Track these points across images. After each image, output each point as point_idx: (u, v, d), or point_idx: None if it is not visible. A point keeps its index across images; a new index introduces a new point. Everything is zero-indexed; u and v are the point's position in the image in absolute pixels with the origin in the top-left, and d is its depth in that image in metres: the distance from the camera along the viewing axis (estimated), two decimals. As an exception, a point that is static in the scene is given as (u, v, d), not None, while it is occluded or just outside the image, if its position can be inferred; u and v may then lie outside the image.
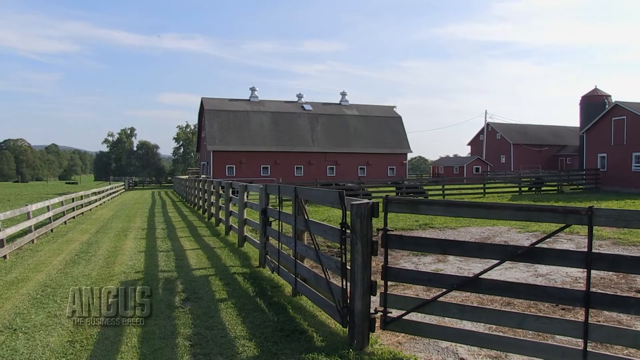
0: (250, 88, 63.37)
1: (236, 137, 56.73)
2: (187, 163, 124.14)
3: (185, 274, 9.83)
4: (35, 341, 6.11)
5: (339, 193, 5.94)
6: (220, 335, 6.20)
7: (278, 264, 8.60)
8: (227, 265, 10.64)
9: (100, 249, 13.11)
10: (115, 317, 6.72)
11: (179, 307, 7.44)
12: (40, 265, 11.07)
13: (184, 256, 11.82)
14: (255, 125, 58.74)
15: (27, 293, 8.50)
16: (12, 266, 11.06)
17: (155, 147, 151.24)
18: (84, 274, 9.90)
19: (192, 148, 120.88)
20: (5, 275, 10.13)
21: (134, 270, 10.18)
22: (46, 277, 9.73)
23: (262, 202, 10.12)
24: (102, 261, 11.31)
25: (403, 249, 8.44)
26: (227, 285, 8.75)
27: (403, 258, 10.85)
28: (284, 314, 7.01)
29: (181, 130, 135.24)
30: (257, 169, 56.26)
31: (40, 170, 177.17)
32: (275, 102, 63.81)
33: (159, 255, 12.07)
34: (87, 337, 6.18)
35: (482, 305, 6.72)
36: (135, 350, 5.74)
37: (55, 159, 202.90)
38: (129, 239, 14.92)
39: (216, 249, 12.81)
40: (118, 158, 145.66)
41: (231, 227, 14.87)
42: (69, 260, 11.47)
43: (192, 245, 13.66)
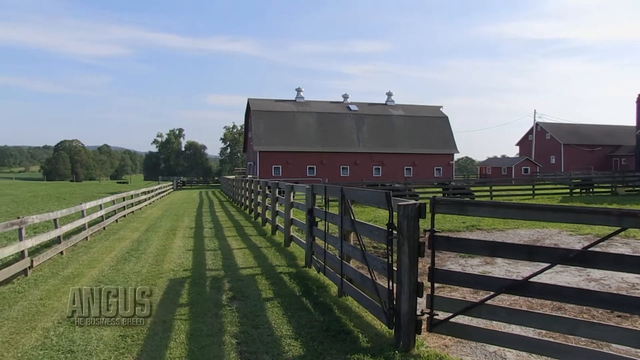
0: (296, 89, 63.72)
1: (282, 138, 57.06)
2: (233, 163, 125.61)
3: (232, 272, 9.95)
4: (90, 334, 6.31)
5: (386, 193, 5.91)
6: (266, 334, 6.25)
7: (324, 264, 8.61)
8: (274, 264, 10.71)
9: (150, 247, 13.40)
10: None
11: (225, 306, 7.54)
12: (93, 261, 11.39)
13: (231, 255, 11.96)
14: (301, 125, 58.98)
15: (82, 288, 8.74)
16: (68, 262, 11.43)
17: (202, 147, 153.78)
18: (134, 271, 10.13)
19: (238, 148, 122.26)
20: (62, 270, 10.49)
21: (182, 268, 10.36)
22: (99, 273, 10.00)
23: (308, 202, 10.16)
24: (151, 259, 11.55)
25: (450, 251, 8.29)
26: (274, 285, 8.81)
27: (450, 260, 10.73)
28: (329, 314, 7.02)
29: (228, 130, 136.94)
30: (303, 169, 56.48)
31: (93, 170, 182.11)
32: (320, 102, 63.94)
33: (207, 253, 12.25)
34: (138, 333, 6.34)
35: (531, 309, 6.59)
36: (184, 346, 5.85)
37: (107, 159, 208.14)
38: (177, 238, 15.19)
39: (262, 248, 12.92)
40: (167, 158, 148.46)
41: (277, 226, 14.98)
42: (120, 258, 11.76)
43: (239, 244, 13.81)
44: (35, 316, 7.18)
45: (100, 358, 5.56)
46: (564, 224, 15.23)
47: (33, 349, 5.86)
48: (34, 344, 6.02)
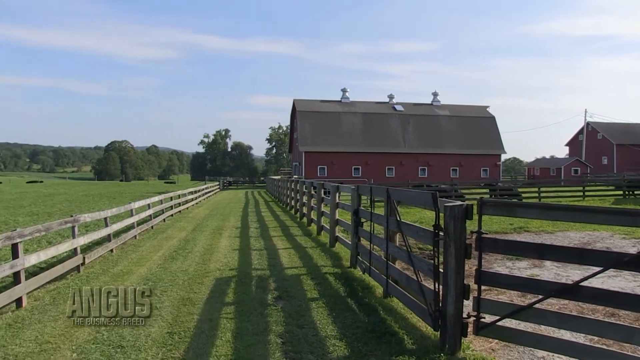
0: (341, 89, 63.85)
1: (328, 138, 57.19)
2: (279, 163, 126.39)
3: (278, 272, 10.01)
4: (139, 330, 6.45)
5: (433, 194, 5.86)
6: (311, 334, 6.27)
7: (369, 264, 8.59)
8: (319, 265, 10.74)
9: (197, 246, 13.59)
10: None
11: (271, 305, 7.59)
12: (142, 259, 11.63)
13: (277, 255, 12.03)
14: (347, 126, 59.01)
15: (131, 285, 8.94)
16: (117, 259, 11.71)
17: (248, 147, 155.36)
18: (181, 270, 10.30)
19: (284, 149, 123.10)
20: (113, 267, 10.76)
21: (228, 268, 10.48)
22: (147, 271, 10.21)
23: (354, 203, 10.15)
24: (198, 258, 11.72)
25: (497, 253, 8.21)
26: (319, 285, 8.83)
27: (497, 262, 10.55)
28: (374, 315, 7.00)
29: (274, 131, 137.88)
30: (348, 170, 56.49)
31: (141, 170, 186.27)
32: (366, 103, 63.84)
33: (252, 253, 12.35)
34: (185, 330, 6.45)
35: (582, 314, 6.42)
36: (230, 344, 5.91)
37: (155, 160, 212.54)
38: (223, 237, 15.36)
39: (308, 248, 12.95)
40: (213, 158, 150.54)
41: (323, 227, 14.99)
42: (168, 256, 11.98)
43: (284, 244, 13.89)
44: (87, 312, 7.37)
45: (149, 354, 5.68)
46: (616, 227, 14.78)
47: (86, 343, 6.04)
48: (87, 338, 6.20)
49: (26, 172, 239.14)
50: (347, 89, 63.67)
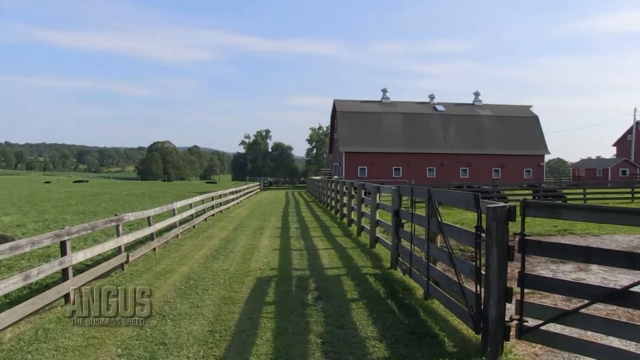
0: (381, 89, 63.54)
1: (368, 139, 57.00)
2: (319, 164, 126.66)
3: (318, 272, 10.02)
4: (181, 328, 6.57)
5: (475, 195, 5.79)
6: (351, 334, 6.26)
7: (410, 266, 8.53)
8: (359, 265, 10.71)
9: (238, 245, 13.71)
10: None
11: (311, 305, 7.61)
12: (184, 258, 11.80)
13: (317, 255, 12.05)
14: (387, 126, 58.73)
15: (173, 283, 9.11)
16: (160, 258, 11.91)
17: (289, 148, 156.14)
18: (222, 269, 10.41)
19: (324, 149, 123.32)
20: (155, 266, 10.94)
21: (269, 267, 10.55)
22: (189, 270, 10.35)
23: (394, 204, 10.10)
24: (239, 257, 11.82)
25: (541, 256, 8.04)
26: (359, 286, 8.81)
27: (540, 265, 10.36)
28: (415, 316, 6.95)
29: (314, 131, 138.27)
30: (389, 170, 56.21)
31: (183, 170, 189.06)
32: (406, 103, 63.41)
33: (293, 253, 12.40)
34: (226, 329, 6.52)
35: (632, 321, 6.23)
36: (270, 344, 5.95)
37: (197, 160, 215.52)
38: (264, 237, 15.46)
39: (348, 249, 12.94)
40: (254, 159, 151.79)
41: (363, 227, 14.96)
42: (209, 255, 12.12)
43: (324, 244, 13.90)
44: (130, 309, 7.53)
45: (190, 351, 5.76)
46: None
47: (130, 339, 6.17)
48: (130, 334, 6.34)
49: (73, 171, 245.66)
50: (388, 89, 63.37)
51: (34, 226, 18.73)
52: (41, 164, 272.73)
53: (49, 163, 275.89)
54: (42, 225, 19.07)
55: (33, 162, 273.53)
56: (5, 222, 20.22)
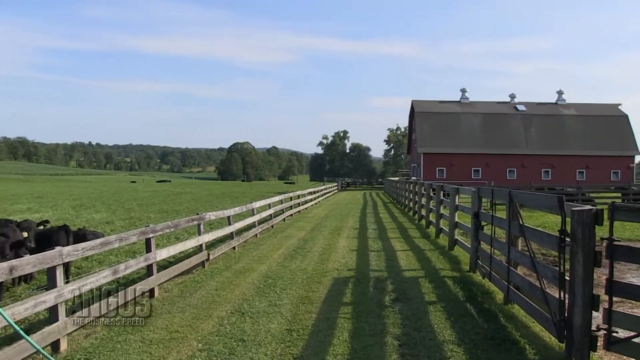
0: (460, 89, 62.55)
1: (446, 139, 56.19)
2: (397, 165, 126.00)
3: (395, 274, 9.96)
4: (259, 325, 6.69)
5: (559, 197, 5.59)
6: (428, 337, 6.18)
7: (489, 269, 8.34)
8: (437, 268, 10.57)
9: (315, 245, 13.82)
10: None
11: (388, 307, 7.57)
12: (262, 257, 12.00)
13: (394, 257, 11.98)
14: (466, 127, 57.69)
15: (252, 282, 9.29)
16: (239, 257, 12.17)
17: (366, 149, 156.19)
18: (300, 269, 10.52)
19: (402, 150, 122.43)
20: (235, 264, 11.20)
21: (346, 268, 10.57)
22: (267, 269, 10.53)
23: (474, 206, 9.90)
24: (316, 257, 11.91)
25: (631, 262, 7.68)
26: (437, 288, 8.69)
27: (630, 272, 9.88)
28: (494, 321, 6.78)
29: (392, 132, 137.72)
30: (468, 172, 55.15)
31: (262, 171, 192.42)
32: (486, 103, 62.03)
33: (370, 254, 12.37)
34: (303, 328, 6.58)
35: None
36: (347, 344, 5.96)
37: (275, 160, 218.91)
38: (341, 238, 15.50)
39: (426, 251, 12.79)
40: (332, 159, 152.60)
41: (441, 229, 14.75)
42: (287, 255, 12.28)
43: (402, 246, 13.79)
44: (211, 305, 7.75)
45: (268, 349, 5.85)
46: None
47: (210, 334, 6.35)
48: (210, 330, 6.53)
49: (157, 172, 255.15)
50: (467, 89, 62.23)
51: (121, 223, 19.57)
52: (127, 164, 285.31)
53: (134, 163, 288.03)
54: (129, 222, 19.90)
55: (120, 162, 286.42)
56: (96, 219, 21.24)
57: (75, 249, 6.34)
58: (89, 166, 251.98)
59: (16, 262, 5.30)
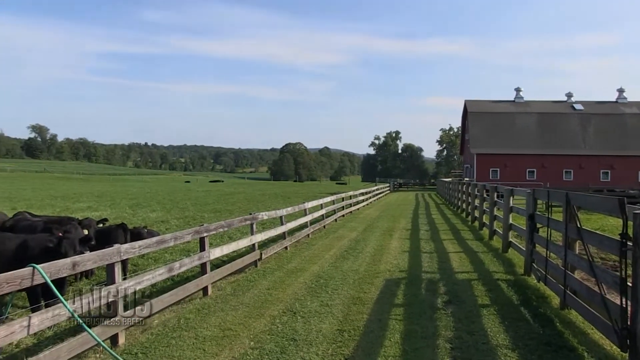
0: (515, 89, 61.44)
1: (500, 140, 55.24)
2: (449, 166, 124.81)
3: (448, 276, 9.85)
4: (311, 325, 6.73)
5: (619, 200, 5.41)
6: (481, 341, 6.08)
7: (545, 273, 8.14)
8: (490, 270, 10.39)
9: (367, 246, 13.79)
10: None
11: (440, 309, 7.48)
12: (314, 258, 12.05)
13: (447, 258, 11.85)
14: (521, 127, 56.58)
15: (304, 282, 9.35)
16: (291, 257, 12.26)
17: (419, 149, 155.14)
18: (352, 269, 10.52)
19: (455, 151, 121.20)
20: (287, 264, 11.28)
21: (398, 269, 10.51)
22: (319, 269, 10.57)
23: (529, 207, 9.68)
24: (368, 258, 11.89)
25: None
26: (490, 291, 8.54)
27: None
28: (550, 327, 6.61)
29: (444, 133, 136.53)
30: (522, 173, 54.09)
31: (314, 171, 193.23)
32: (541, 102, 60.69)
33: (422, 255, 12.28)
34: (354, 328, 6.58)
35: None
36: (398, 346, 5.92)
37: (327, 161, 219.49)
38: (393, 239, 15.43)
39: (479, 253, 12.60)
40: (383, 160, 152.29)
41: (495, 231, 14.50)
42: (339, 256, 12.29)
43: (454, 247, 13.63)
44: (263, 304, 7.84)
45: (319, 349, 5.87)
46: None
47: (262, 333, 6.43)
48: (262, 329, 6.61)
49: (210, 172, 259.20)
50: (521, 88, 61.04)
51: (176, 222, 19.97)
52: (182, 164, 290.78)
53: (189, 163, 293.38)
54: (183, 222, 20.29)
55: (175, 162, 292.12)
56: (152, 218, 21.75)
57: (133, 246, 6.52)
58: (145, 166, 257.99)
59: (78, 258, 5.49)
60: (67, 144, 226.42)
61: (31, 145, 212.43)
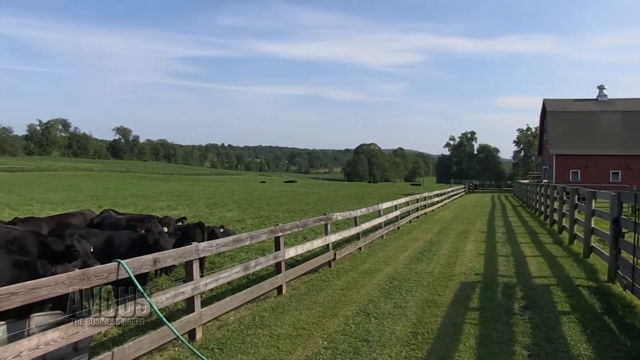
0: (597, 86, 58.92)
1: (581, 140, 53.13)
2: (527, 167, 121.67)
3: (525, 281, 9.57)
4: (384, 327, 6.72)
5: None
6: (561, 350, 5.87)
7: (632, 280, 7.78)
8: (570, 276, 10.01)
9: (442, 248, 13.62)
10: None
11: (517, 314, 7.29)
12: (388, 259, 12.01)
13: (524, 262, 11.53)
14: (604, 126, 54.22)
15: (378, 283, 9.34)
16: (365, 257, 12.27)
17: (495, 150, 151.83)
18: (426, 271, 10.42)
19: (532, 151, 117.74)
20: (361, 265, 11.31)
21: (473, 272, 10.33)
22: (393, 271, 10.52)
23: (613, 211, 9.28)
24: (443, 260, 11.74)
25: None
26: (570, 298, 8.24)
27: None
28: (639, 338, 6.30)
29: (522, 133, 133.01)
30: (605, 175, 51.77)
31: (388, 172, 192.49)
32: (627, 100, 57.84)
33: (498, 259, 12.01)
34: (428, 331, 6.52)
35: None
36: (473, 351, 5.82)
37: (401, 162, 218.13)
38: (468, 241, 15.17)
39: (558, 257, 12.18)
40: (459, 161, 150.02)
41: (575, 235, 13.97)
42: (413, 257, 12.20)
43: (532, 251, 13.24)
44: (337, 304, 7.88)
45: (393, 351, 5.85)
46: None
47: (335, 333, 6.47)
48: (336, 329, 6.65)
49: (285, 172, 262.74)
50: (605, 85, 58.45)
51: (251, 222, 20.38)
52: (257, 164, 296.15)
53: (264, 164, 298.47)
54: (258, 221, 20.67)
55: (251, 163, 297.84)
56: (228, 217, 22.28)
57: (210, 245, 6.70)
58: (222, 166, 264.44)
59: (159, 254, 5.72)
60: (148, 145, 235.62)
61: (116, 146, 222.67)
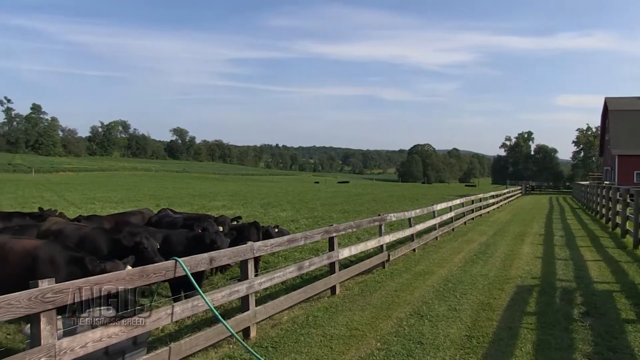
0: (665, 84, 56.52)
1: (647, 140, 51.15)
2: (587, 168, 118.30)
3: (585, 286, 9.29)
4: (438, 329, 6.65)
5: None
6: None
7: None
8: (636, 282, 9.61)
9: (497, 251, 13.39)
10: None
11: (577, 321, 7.08)
12: (442, 261, 11.88)
13: (584, 267, 11.19)
14: (672, 126, 52.04)
15: (432, 285, 9.26)
16: (419, 259, 12.18)
17: (553, 151, 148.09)
18: (481, 274, 10.26)
19: (593, 152, 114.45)
20: (414, 266, 11.23)
21: (530, 276, 10.10)
22: (447, 273, 10.41)
23: (679, 215, 8.93)
24: (498, 263, 11.54)
25: None
26: (636, 305, 7.90)
27: None
28: None
29: (581, 133, 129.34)
30: (672, 176, 49.75)
31: (442, 173, 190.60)
32: (697, 98, 55.40)
33: (557, 263, 11.70)
34: (483, 335, 6.41)
35: None
36: (530, 356, 5.69)
37: (456, 163, 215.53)
38: (525, 244, 14.86)
39: (621, 262, 11.75)
40: (515, 162, 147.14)
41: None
42: (468, 259, 12.03)
43: (592, 256, 12.84)
44: (390, 305, 7.85)
45: (447, 354, 5.78)
46: None
47: (389, 335, 6.44)
48: (389, 330, 6.62)
49: (338, 172, 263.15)
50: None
51: (305, 222, 20.50)
52: (311, 165, 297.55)
53: (318, 165, 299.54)
54: (312, 221, 20.77)
55: (304, 163, 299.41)
56: (282, 217, 22.48)
57: (265, 244, 6.78)
58: (276, 167, 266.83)
59: (215, 253, 5.83)
60: (204, 146, 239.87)
61: (172, 147, 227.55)
